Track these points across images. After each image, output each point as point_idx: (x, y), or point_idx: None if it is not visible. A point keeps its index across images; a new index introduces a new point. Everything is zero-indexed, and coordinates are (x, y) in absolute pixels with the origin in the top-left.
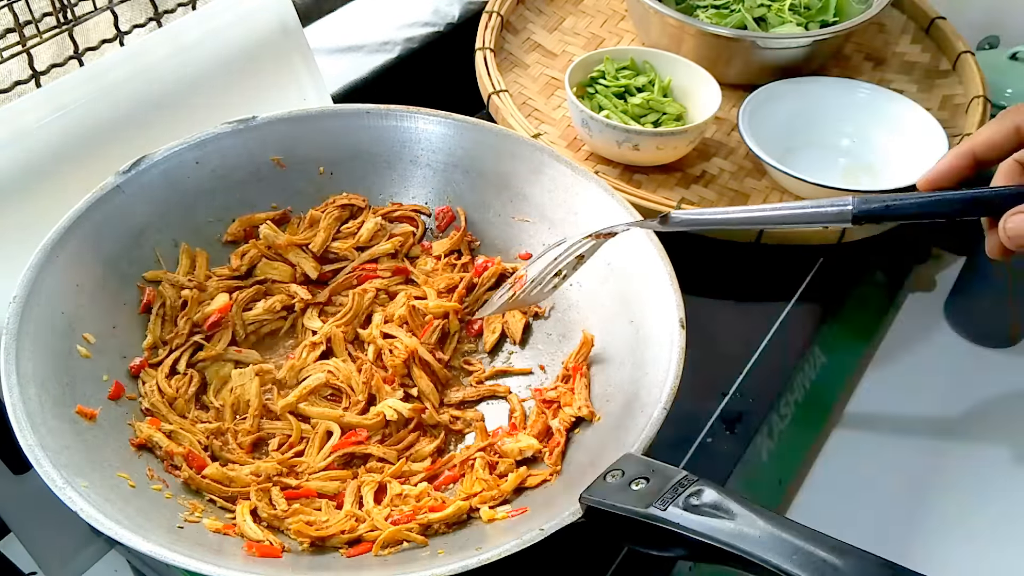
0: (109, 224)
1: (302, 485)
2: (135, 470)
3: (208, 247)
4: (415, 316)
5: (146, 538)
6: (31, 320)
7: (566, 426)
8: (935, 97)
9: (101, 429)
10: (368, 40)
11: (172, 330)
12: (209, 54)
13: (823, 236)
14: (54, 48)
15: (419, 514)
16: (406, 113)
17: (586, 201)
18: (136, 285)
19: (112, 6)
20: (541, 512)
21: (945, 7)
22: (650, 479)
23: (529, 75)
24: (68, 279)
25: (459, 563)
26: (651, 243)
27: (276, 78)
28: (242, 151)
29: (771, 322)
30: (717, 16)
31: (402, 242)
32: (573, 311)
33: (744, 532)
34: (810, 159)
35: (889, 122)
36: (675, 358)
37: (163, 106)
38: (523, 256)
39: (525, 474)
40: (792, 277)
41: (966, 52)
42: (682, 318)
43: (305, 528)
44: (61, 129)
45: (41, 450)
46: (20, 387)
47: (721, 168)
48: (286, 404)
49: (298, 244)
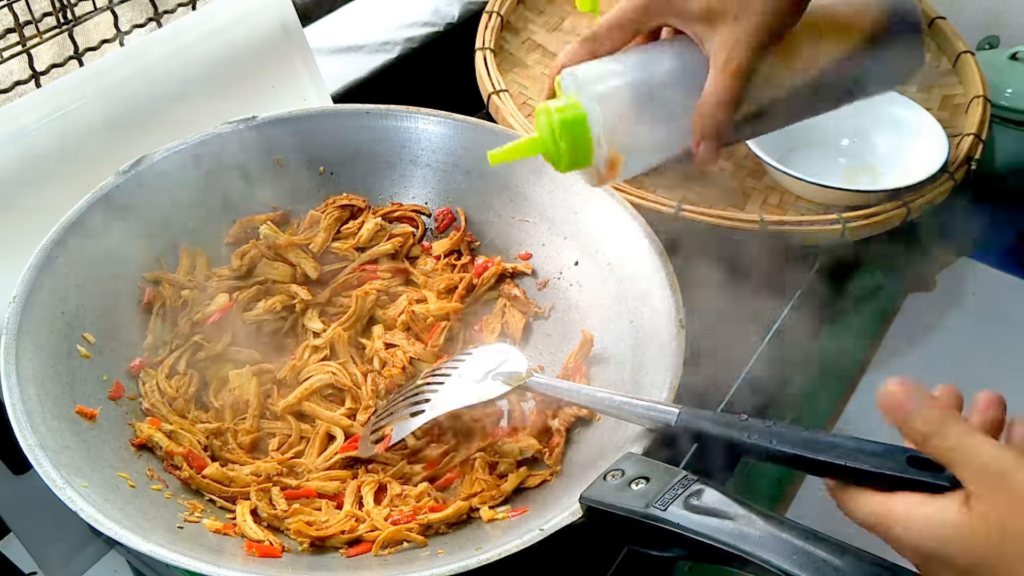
0: (109, 224)
1: (302, 485)
2: (135, 470)
3: (208, 247)
4: (416, 321)
5: (146, 538)
6: (31, 320)
7: (566, 426)
8: (935, 97)
9: (101, 429)
10: (368, 40)
11: (172, 330)
12: (209, 54)
13: (823, 236)
14: (54, 48)
15: (419, 514)
16: (406, 113)
17: (586, 201)
18: (136, 285)
19: (112, 6)
20: (541, 512)
21: (945, 7)
22: (650, 479)
23: (529, 75)
24: (68, 279)
25: (459, 563)
26: (651, 243)
27: (276, 78)
28: (242, 151)
29: (771, 322)
30: None
31: (402, 242)
32: (573, 311)
33: (744, 532)
34: (810, 159)
35: (889, 122)
36: (675, 358)
37: (163, 106)
38: (523, 256)
39: (525, 474)
40: (792, 277)
41: (966, 52)
42: (682, 318)
43: (305, 528)
44: (61, 129)
45: (41, 450)
46: (20, 387)
47: (721, 168)
48: (287, 404)
49: (298, 244)
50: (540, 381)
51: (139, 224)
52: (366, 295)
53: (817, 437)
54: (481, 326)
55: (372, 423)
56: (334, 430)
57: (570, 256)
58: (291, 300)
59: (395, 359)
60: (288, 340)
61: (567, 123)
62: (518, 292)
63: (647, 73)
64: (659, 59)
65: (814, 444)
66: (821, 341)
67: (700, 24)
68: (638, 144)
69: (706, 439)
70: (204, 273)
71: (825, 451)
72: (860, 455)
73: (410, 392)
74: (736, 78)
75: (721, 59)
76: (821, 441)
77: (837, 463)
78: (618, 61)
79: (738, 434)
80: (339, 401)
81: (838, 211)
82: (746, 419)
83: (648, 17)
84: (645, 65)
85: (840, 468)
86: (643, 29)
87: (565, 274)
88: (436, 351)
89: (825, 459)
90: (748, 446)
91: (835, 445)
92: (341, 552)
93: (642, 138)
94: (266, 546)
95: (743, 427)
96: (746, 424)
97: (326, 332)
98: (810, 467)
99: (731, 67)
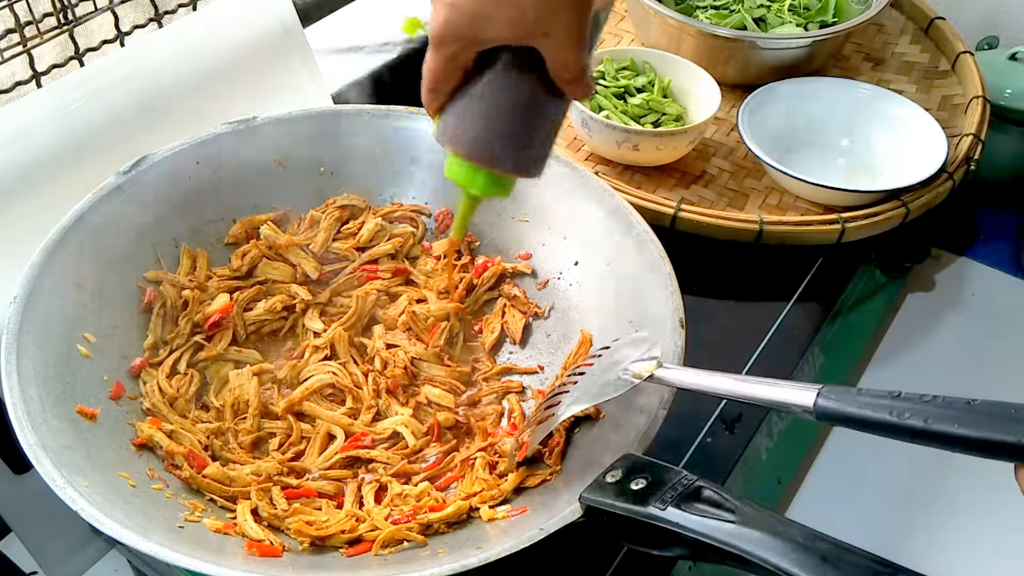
0: (110, 224)
1: (302, 485)
2: (136, 470)
3: (209, 247)
4: (417, 322)
5: (146, 537)
6: (32, 320)
7: (566, 426)
8: (934, 97)
9: (102, 429)
10: (368, 40)
11: (173, 330)
12: (210, 55)
13: (822, 236)
14: (55, 49)
15: (419, 514)
16: (406, 113)
17: (586, 201)
18: (137, 285)
19: (113, 7)
20: (541, 512)
21: (944, 7)
22: (650, 479)
23: None
24: (69, 279)
25: (459, 562)
26: (651, 243)
27: (276, 78)
28: (243, 151)
29: (771, 322)
30: (717, 17)
31: (402, 243)
32: (573, 311)
33: (743, 531)
34: (809, 159)
35: (888, 122)
36: (675, 358)
37: (164, 106)
38: (523, 256)
39: (525, 474)
40: (792, 277)
41: (965, 52)
42: (682, 318)
43: (305, 528)
44: (62, 129)
45: (42, 450)
46: (21, 387)
47: (720, 168)
48: (288, 403)
49: (299, 244)
50: (667, 373)
51: (140, 224)
52: (366, 295)
53: (999, 411)
54: (481, 326)
55: (523, 426)
56: (335, 430)
57: (570, 256)
58: (291, 300)
59: (396, 359)
60: (288, 340)
61: (455, 179)
62: (518, 292)
63: (490, 100)
64: (496, 84)
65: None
66: (821, 341)
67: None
68: (511, 153)
69: (853, 422)
70: (205, 273)
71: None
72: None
73: (551, 394)
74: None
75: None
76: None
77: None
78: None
79: (892, 416)
80: (339, 401)
81: (838, 211)
82: (899, 395)
83: (469, 48)
84: (484, 95)
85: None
86: (469, 61)
87: (565, 274)
88: (437, 351)
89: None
90: (907, 429)
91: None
92: (341, 551)
93: (514, 143)
94: (266, 545)
95: (895, 408)
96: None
97: (327, 332)
98: (997, 450)
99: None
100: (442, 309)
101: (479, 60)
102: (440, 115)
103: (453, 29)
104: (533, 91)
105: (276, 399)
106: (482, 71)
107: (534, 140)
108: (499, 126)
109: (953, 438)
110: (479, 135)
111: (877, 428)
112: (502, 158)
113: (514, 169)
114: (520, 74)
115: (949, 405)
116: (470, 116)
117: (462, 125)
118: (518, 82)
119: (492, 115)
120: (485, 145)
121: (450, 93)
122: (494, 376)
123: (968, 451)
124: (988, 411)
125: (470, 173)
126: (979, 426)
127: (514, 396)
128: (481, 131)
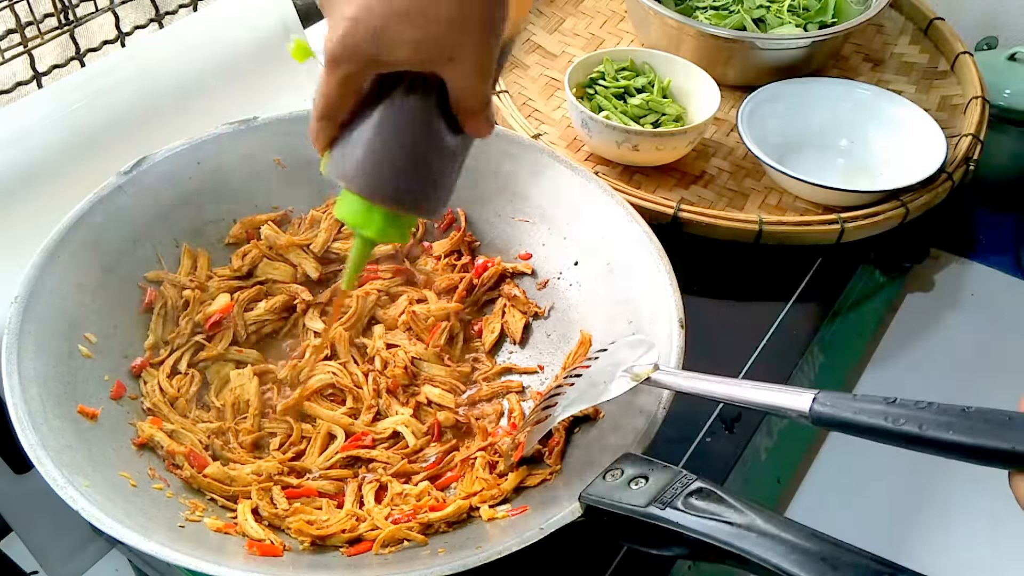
0: (110, 224)
1: (303, 484)
2: (136, 469)
3: (209, 247)
4: (417, 322)
5: (147, 537)
6: (33, 320)
7: (565, 426)
8: (933, 98)
9: (102, 428)
10: None
11: (174, 330)
12: (210, 55)
13: (822, 236)
14: (56, 49)
15: (419, 513)
16: None
17: (586, 201)
18: (138, 285)
19: (114, 7)
20: (541, 511)
21: (943, 8)
22: (649, 478)
23: (529, 76)
24: (69, 279)
25: (459, 562)
26: (651, 243)
27: (276, 78)
28: (243, 152)
29: (770, 322)
30: (716, 17)
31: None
32: (572, 311)
33: (743, 531)
34: (809, 159)
35: (887, 123)
36: (675, 358)
37: (164, 107)
38: (523, 256)
39: (525, 473)
40: (791, 277)
41: (964, 53)
42: (682, 318)
43: (306, 527)
44: (62, 129)
45: (43, 449)
46: (22, 387)
47: (720, 168)
48: (288, 403)
49: (299, 244)
50: (663, 377)
51: (140, 224)
52: (367, 295)
53: (993, 417)
54: (481, 326)
55: (520, 426)
56: (335, 429)
57: (570, 256)
58: (292, 300)
59: (396, 359)
60: (289, 340)
61: (348, 221)
62: (518, 292)
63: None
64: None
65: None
66: (820, 341)
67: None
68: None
69: (848, 427)
70: (205, 273)
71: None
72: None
73: (548, 395)
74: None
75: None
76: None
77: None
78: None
79: (887, 422)
80: (340, 401)
81: (837, 211)
82: (894, 401)
83: (366, 70)
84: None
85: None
86: (365, 86)
87: (565, 274)
88: (437, 351)
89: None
90: (902, 435)
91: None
92: (342, 551)
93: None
94: (267, 545)
95: (890, 414)
96: (893, 408)
97: (328, 332)
98: (991, 457)
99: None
100: (442, 309)
101: (375, 87)
102: (330, 149)
103: (350, 47)
104: (435, 123)
105: (276, 399)
106: (379, 99)
107: (437, 177)
108: (399, 160)
109: (947, 444)
110: (376, 169)
111: (872, 434)
112: (403, 195)
113: (415, 208)
114: (423, 103)
115: (944, 411)
116: (366, 148)
117: (357, 157)
118: (421, 112)
119: (392, 147)
120: (384, 180)
121: (343, 123)
122: (494, 376)
123: (962, 457)
124: (982, 418)
125: (364, 214)
126: (973, 433)
127: (514, 396)
128: (379, 165)
